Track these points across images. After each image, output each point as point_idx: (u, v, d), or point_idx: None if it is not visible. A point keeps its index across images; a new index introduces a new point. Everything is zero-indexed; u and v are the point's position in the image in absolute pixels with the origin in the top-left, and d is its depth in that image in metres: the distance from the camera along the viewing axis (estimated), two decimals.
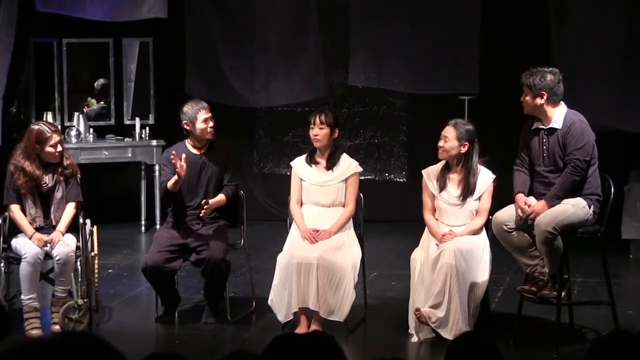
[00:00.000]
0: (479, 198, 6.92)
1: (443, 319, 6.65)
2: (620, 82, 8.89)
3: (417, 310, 6.67)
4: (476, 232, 6.86)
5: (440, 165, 7.02)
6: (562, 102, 6.69)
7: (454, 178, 6.97)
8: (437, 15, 9.63)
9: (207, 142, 7.38)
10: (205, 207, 7.15)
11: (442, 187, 6.97)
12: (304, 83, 10.12)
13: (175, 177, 7.06)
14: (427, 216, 6.99)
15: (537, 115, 6.71)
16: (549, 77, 6.64)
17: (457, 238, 6.76)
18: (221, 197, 7.30)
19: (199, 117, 7.27)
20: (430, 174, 7.04)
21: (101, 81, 10.75)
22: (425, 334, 6.78)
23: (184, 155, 7.06)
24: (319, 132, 7.17)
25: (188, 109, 7.31)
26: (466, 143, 6.89)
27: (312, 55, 10.06)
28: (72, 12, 9.77)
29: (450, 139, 6.89)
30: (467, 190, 6.90)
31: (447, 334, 6.64)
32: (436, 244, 6.80)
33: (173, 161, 7.04)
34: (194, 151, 7.38)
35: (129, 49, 10.77)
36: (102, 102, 10.71)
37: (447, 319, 6.65)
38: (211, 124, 7.31)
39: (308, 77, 10.10)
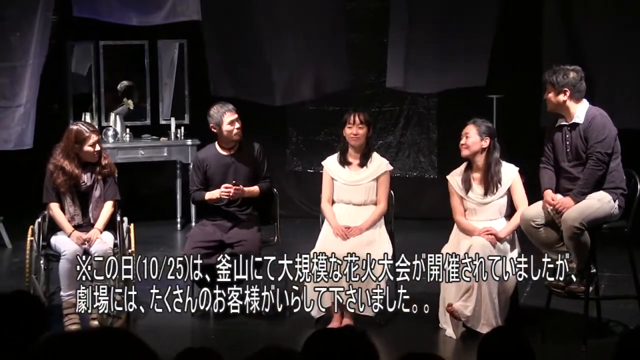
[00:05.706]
0: (507, 193, 7.03)
1: (474, 312, 6.73)
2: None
3: (449, 305, 6.75)
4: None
5: (462, 167, 7.13)
6: (584, 99, 6.76)
7: (477, 177, 7.07)
8: (457, 16, 9.47)
9: (236, 143, 7.49)
10: (235, 187, 7.27)
11: (467, 188, 7.06)
12: (326, 76, 9.98)
13: (217, 196, 7.33)
14: (459, 218, 7.07)
15: (560, 112, 6.78)
16: (572, 74, 6.72)
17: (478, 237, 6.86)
18: (255, 187, 7.43)
19: (224, 119, 7.36)
20: (454, 177, 7.15)
21: (124, 83, 10.90)
22: (456, 328, 6.86)
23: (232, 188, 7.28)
24: (359, 131, 7.27)
25: (214, 112, 7.40)
26: (487, 137, 7.00)
27: (336, 51, 9.95)
28: (105, 17, 9.91)
29: (471, 135, 7.00)
30: (490, 185, 7.00)
31: (478, 327, 6.73)
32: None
33: (224, 192, 7.28)
34: (223, 152, 7.50)
35: (164, 51, 10.92)
36: (130, 102, 10.88)
37: (478, 313, 6.73)
38: (237, 125, 7.38)
39: (330, 70, 9.96)
